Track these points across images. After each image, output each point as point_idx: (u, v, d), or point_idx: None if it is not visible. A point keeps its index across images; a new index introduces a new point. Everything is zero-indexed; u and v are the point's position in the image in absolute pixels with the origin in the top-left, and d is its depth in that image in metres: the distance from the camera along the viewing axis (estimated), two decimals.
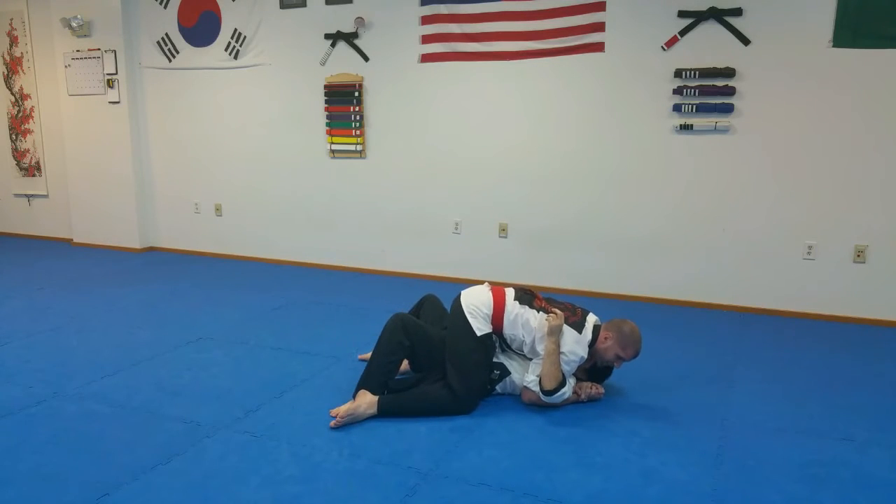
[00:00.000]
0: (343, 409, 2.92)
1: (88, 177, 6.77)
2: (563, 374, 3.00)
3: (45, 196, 7.27)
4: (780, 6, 4.28)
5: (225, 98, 6.14)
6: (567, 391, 3.03)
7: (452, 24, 5.13)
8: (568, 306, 3.19)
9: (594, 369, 3.24)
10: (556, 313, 3.05)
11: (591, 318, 3.15)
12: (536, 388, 3.02)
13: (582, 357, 3.04)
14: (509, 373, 3.18)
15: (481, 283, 3.36)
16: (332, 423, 2.90)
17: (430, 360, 3.15)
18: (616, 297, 4.98)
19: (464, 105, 5.24)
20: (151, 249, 6.80)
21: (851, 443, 2.79)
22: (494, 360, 3.19)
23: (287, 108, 5.90)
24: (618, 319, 3.15)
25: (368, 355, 3.23)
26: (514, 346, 3.20)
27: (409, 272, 5.67)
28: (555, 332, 3.00)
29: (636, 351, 3.08)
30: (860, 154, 4.26)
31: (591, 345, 3.07)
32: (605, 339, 3.07)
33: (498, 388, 3.20)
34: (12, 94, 7.19)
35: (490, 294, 3.16)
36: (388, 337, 3.08)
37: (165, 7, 6.19)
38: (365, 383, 3.05)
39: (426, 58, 5.29)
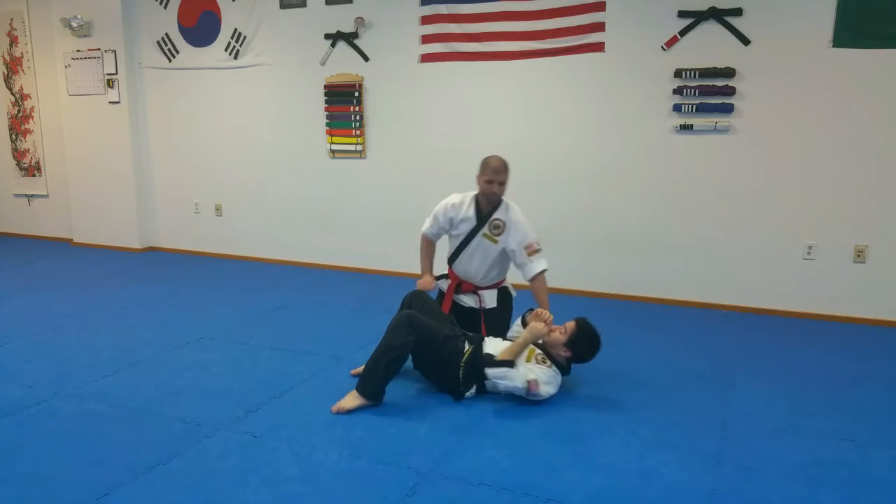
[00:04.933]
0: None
1: (88, 177, 6.77)
2: (515, 364, 3.08)
3: (45, 196, 7.27)
4: (780, 6, 4.28)
5: (225, 98, 6.13)
6: (512, 378, 3.06)
7: (452, 24, 5.13)
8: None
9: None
10: (543, 323, 3.16)
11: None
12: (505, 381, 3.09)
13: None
14: (514, 365, 3.14)
15: None
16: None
17: (436, 356, 3.16)
18: (617, 296, 4.99)
19: (464, 105, 5.24)
20: (151, 249, 6.80)
21: (851, 443, 2.79)
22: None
23: (287, 108, 5.90)
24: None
25: (360, 370, 3.25)
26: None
27: (410, 272, 5.64)
28: (533, 333, 3.10)
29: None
30: (860, 154, 4.26)
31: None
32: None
33: (501, 386, 3.15)
34: (12, 94, 7.19)
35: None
36: (392, 331, 3.11)
37: (165, 7, 6.19)
38: (361, 386, 3.09)
39: (426, 58, 5.29)
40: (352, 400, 3.06)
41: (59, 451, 2.70)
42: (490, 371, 3.09)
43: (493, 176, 3.44)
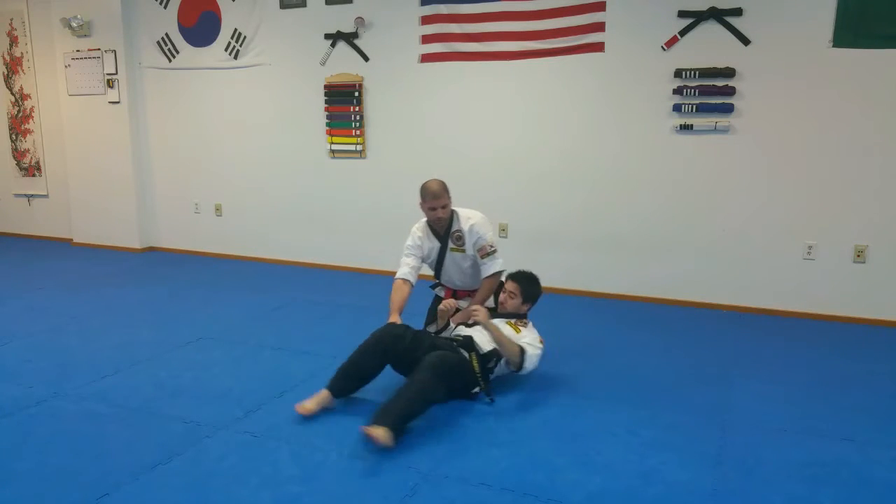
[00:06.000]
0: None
1: (88, 177, 6.77)
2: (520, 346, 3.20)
3: (45, 196, 7.27)
4: (780, 6, 4.28)
5: (225, 98, 6.13)
6: (531, 349, 3.22)
7: (452, 24, 5.13)
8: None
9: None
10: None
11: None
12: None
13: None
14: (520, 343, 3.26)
15: None
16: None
17: (458, 375, 3.12)
18: (617, 296, 4.98)
19: (464, 105, 5.24)
20: (151, 249, 6.80)
21: (851, 443, 2.79)
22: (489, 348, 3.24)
23: (287, 108, 5.90)
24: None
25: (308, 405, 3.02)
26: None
27: None
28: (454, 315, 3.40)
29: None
30: (860, 154, 4.26)
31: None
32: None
33: (536, 361, 3.26)
34: (12, 94, 7.18)
35: None
36: (434, 385, 2.92)
37: (165, 7, 6.19)
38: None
39: (426, 58, 5.29)
40: (384, 436, 2.65)
41: (58, 452, 2.70)
42: (530, 362, 3.19)
43: (434, 202, 3.49)
